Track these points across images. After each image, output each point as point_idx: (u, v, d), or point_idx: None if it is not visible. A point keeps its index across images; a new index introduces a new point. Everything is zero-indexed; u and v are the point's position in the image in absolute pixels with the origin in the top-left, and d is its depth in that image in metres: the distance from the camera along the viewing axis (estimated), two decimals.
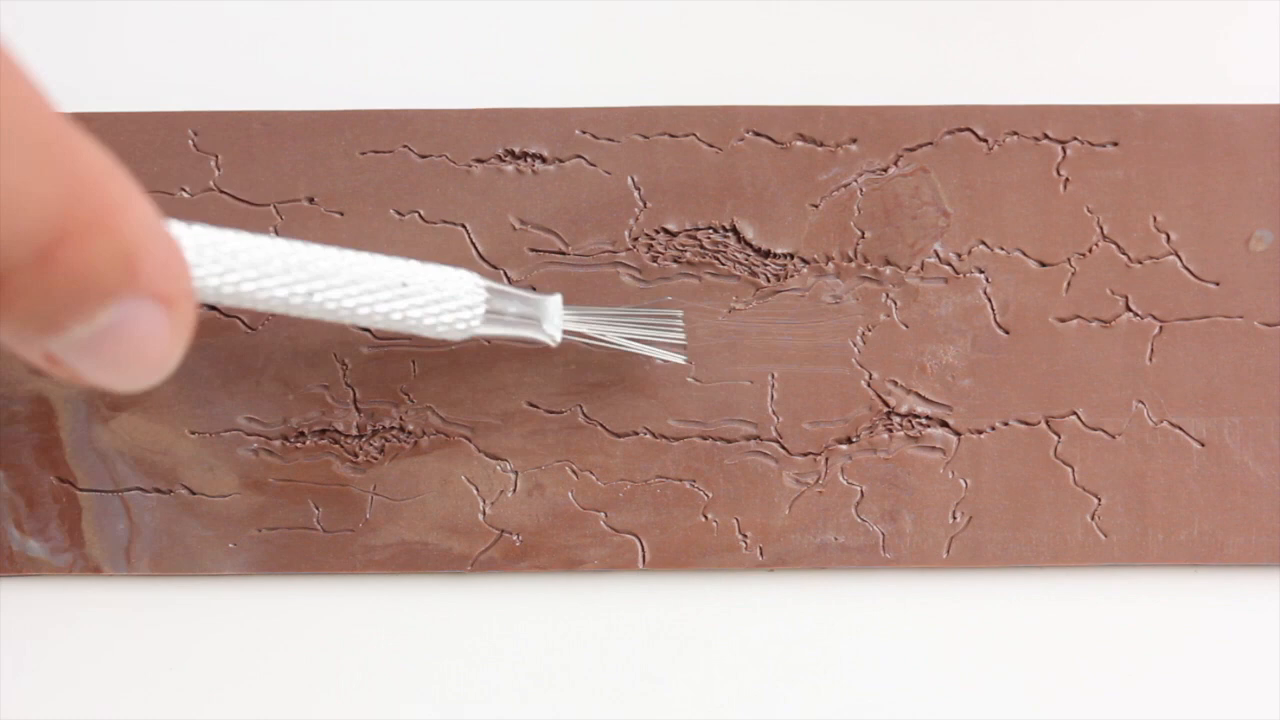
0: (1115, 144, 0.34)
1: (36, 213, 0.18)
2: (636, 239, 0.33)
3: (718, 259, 0.33)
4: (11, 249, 0.18)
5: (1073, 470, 0.33)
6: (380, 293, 0.28)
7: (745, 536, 0.33)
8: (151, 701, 0.33)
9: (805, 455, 0.33)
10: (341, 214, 0.33)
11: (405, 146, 0.33)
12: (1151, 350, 0.33)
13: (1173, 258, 0.34)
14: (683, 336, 0.32)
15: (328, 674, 0.33)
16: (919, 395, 0.33)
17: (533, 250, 0.33)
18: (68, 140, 0.18)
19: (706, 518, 0.33)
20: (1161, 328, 0.33)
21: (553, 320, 0.30)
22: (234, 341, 0.33)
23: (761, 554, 0.33)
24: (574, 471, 0.33)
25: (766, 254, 0.33)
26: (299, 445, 0.33)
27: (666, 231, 0.33)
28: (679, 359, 0.32)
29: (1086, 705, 0.33)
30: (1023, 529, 0.33)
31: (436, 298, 0.29)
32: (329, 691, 0.33)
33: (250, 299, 0.27)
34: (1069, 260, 0.33)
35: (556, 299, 0.31)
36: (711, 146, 0.33)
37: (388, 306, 0.28)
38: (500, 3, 0.35)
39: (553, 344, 0.31)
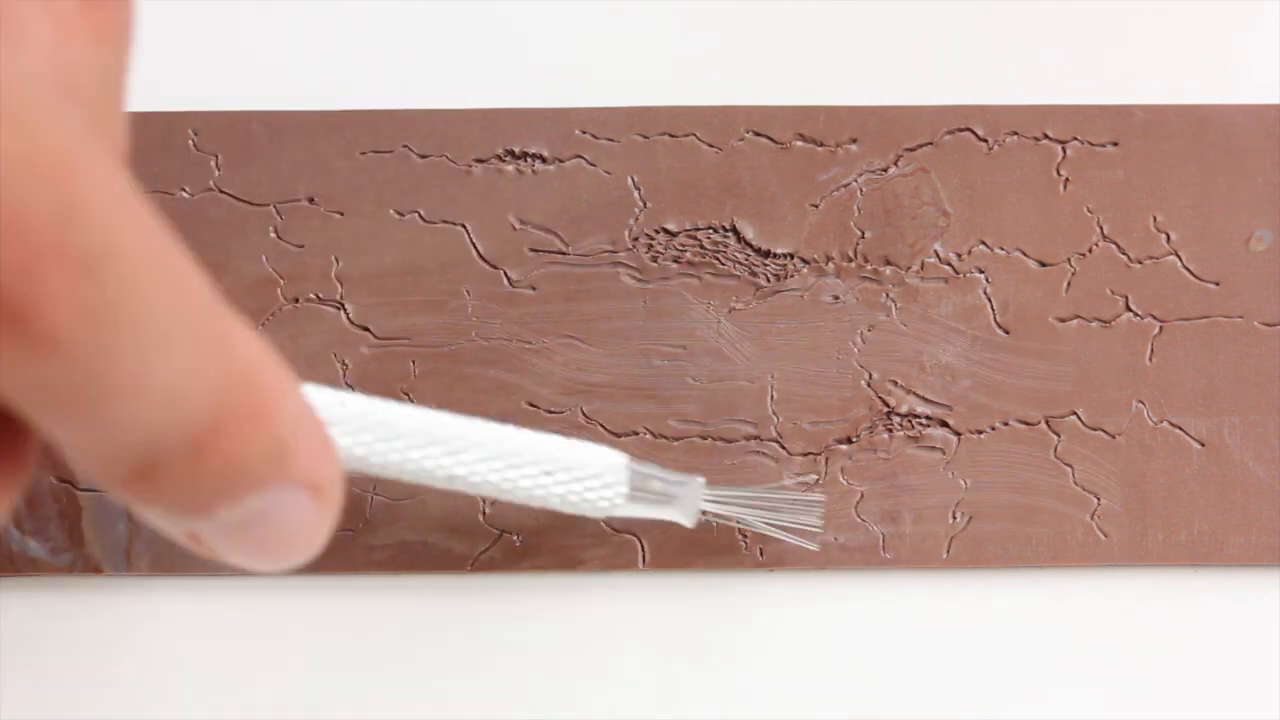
0: (1115, 144, 0.34)
1: (195, 406, 0.17)
2: (636, 239, 0.33)
3: (718, 259, 0.33)
4: (169, 441, 0.17)
5: (1073, 470, 0.33)
6: (525, 469, 0.28)
7: (745, 536, 0.33)
8: (151, 701, 0.33)
9: (805, 455, 0.33)
10: (341, 214, 0.33)
11: (405, 146, 0.33)
12: (1151, 350, 0.33)
13: (1173, 258, 0.34)
14: (819, 522, 0.32)
15: (328, 674, 0.33)
16: (919, 395, 0.33)
17: (533, 250, 0.33)
18: (226, 330, 0.18)
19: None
20: (1161, 328, 0.33)
21: (692, 501, 0.30)
22: None
23: (761, 554, 0.33)
24: None
25: (766, 254, 0.33)
26: None
27: (666, 231, 0.33)
28: (813, 547, 0.32)
29: (1087, 705, 0.33)
30: (1023, 529, 0.33)
31: (580, 475, 0.29)
32: (329, 691, 0.33)
33: (394, 469, 0.27)
34: (1069, 260, 0.33)
35: (699, 481, 0.30)
36: (711, 146, 0.33)
37: (531, 483, 0.28)
38: (500, 3, 0.35)
39: (689, 525, 0.30)
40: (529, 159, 0.33)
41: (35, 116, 0.16)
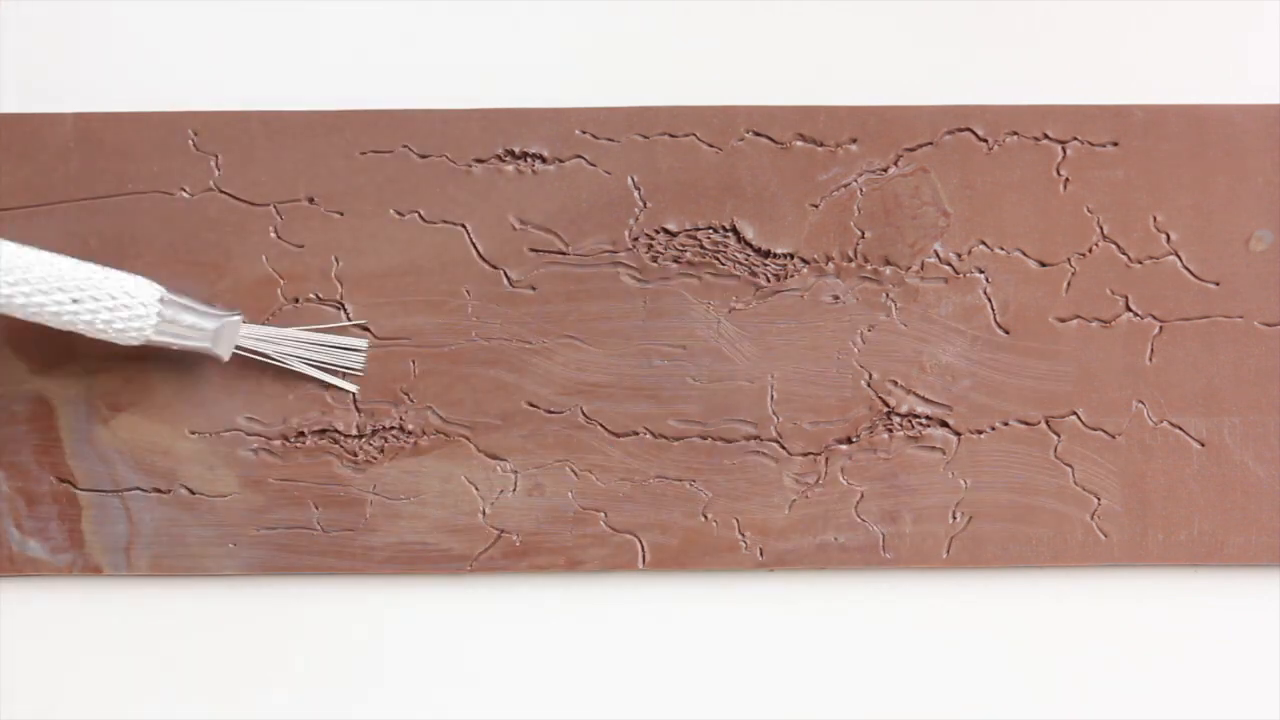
0: (1115, 144, 0.34)
1: None
2: (636, 239, 0.33)
3: (718, 259, 0.33)
4: None
5: (1073, 470, 0.33)
6: (53, 294, 0.29)
7: (745, 536, 0.33)
8: (151, 701, 0.33)
9: (805, 455, 0.33)
10: (341, 214, 0.33)
11: (405, 146, 0.33)
12: (1151, 350, 0.33)
13: (1173, 258, 0.34)
14: (361, 365, 0.32)
15: (328, 674, 0.33)
16: (919, 395, 0.33)
17: (533, 250, 0.33)
18: None
19: (706, 518, 0.33)
20: (1161, 328, 0.33)
21: (227, 337, 0.31)
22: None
23: (761, 554, 0.33)
24: (574, 471, 0.33)
25: (766, 254, 0.33)
26: (299, 445, 0.33)
27: (666, 231, 0.33)
28: (350, 388, 0.33)
29: (1086, 705, 0.33)
30: (1023, 529, 0.33)
31: (110, 305, 0.30)
32: (329, 690, 0.33)
33: None
34: (1069, 260, 0.33)
35: (236, 318, 0.31)
36: (711, 146, 0.33)
37: (58, 308, 0.29)
38: (500, 3, 0.35)
39: (223, 359, 0.31)
40: (529, 159, 0.33)
41: None
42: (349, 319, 0.33)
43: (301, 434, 0.33)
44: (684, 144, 0.33)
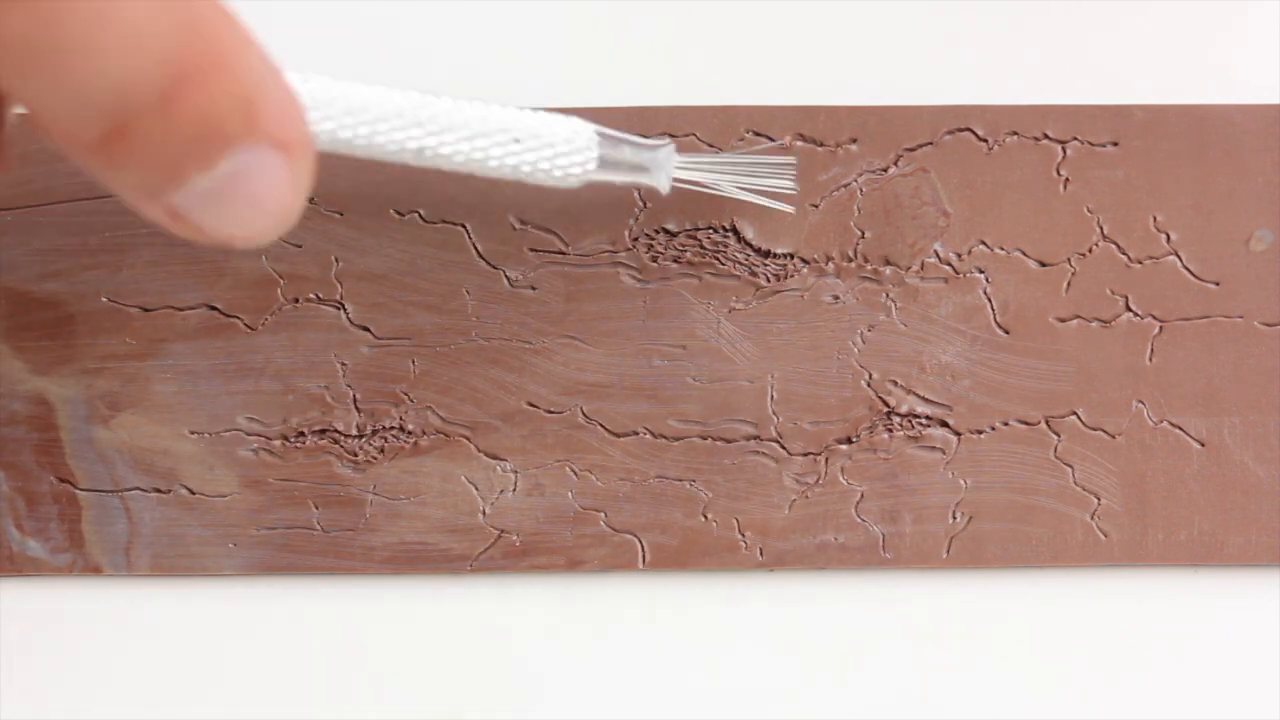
0: (1115, 144, 0.34)
1: (158, 52, 0.18)
2: (636, 239, 0.33)
3: (718, 259, 0.33)
4: (136, 90, 0.18)
5: (1073, 470, 0.33)
6: (496, 142, 0.29)
7: (745, 536, 0.33)
8: (151, 701, 0.33)
9: (805, 455, 0.33)
10: (341, 214, 0.33)
11: None
12: (1151, 350, 0.33)
13: (1173, 258, 0.34)
14: (793, 184, 0.32)
15: (328, 674, 0.33)
16: (919, 395, 0.33)
17: (533, 250, 0.33)
18: None
19: (706, 518, 0.33)
20: (1161, 328, 0.33)
21: (665, 168, 0.31)
22: (234, 341, 0.33)
23: (761, 554, 0.33)
24: (574, 471, 0.33)
25: (766, 254, 0.33)
26: (299, 445, 0.33)
27: (666, 231, 0.33)
28: (787, 208, 0.32)
29: (1086, 705, 0.33)
30: (1023, 529, 0.33)
31: (551, 144, 0.29)
32: (329, 691, 0.33)
33: (367, 148, 0.28)
34: (1069, 260, 0.33)
35: (669, 147, 0.31)
36: (711, 146, 0.33)
37: (503, 154, 0.29)
38: (502, 3, 0.35)
39: (664, 191, 0.31)
40: None
41: None
42: (350, 319, 0.33)
43: (301, 434, 0.33)
44: (684, 144, 0.33)
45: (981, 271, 0.33)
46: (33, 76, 0.17)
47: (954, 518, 0.33)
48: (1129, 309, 0.33)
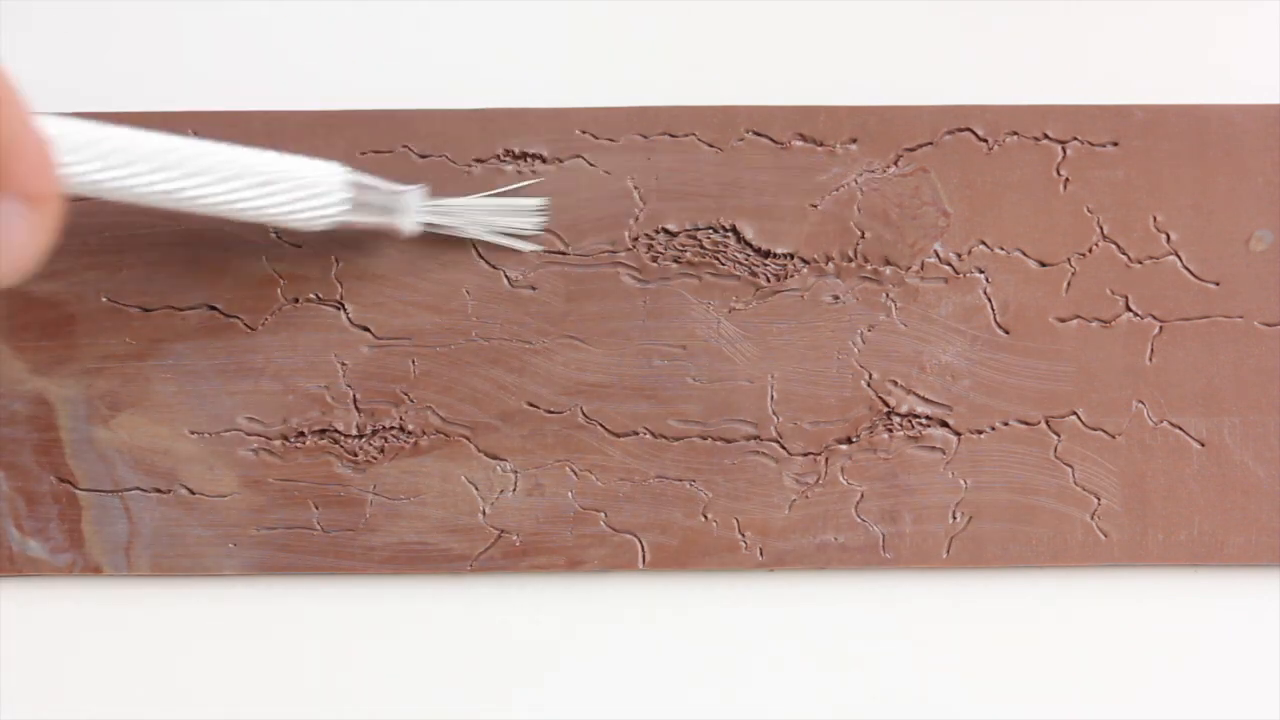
0: (1115, 144, 0.34)
1: None
2: (636, 239, 0.33)
3: (718, 259, 0.33)
4: None
5: (1073, 470, 0.33)
6: (246, 187, 0.30)
7: (745, 536, 0.33)
8: (151, 701, 0.33)
9: (805, 455, 0.33)
10: None
11: (405, 146, 0.33)
12: (1151, 350, 0.33)
13: (1173, 258, 0.34)
14: (537, 226, 0.33)
15: (328, 674, 0.33)
16: (919, 395, 0.33)
17: (533, 250, 0.33)
18: None
19: (706, 518, 0.33)
20: (1161, 328, 0.33)
21: (412, 211, 0.32)
22: (234, 341, 0.33)
23: (761, 554, 0.33)
24: (574, 471, 0.33)
25: (766, 254, 0.33)
26: (299, 445, 0.33)
27: (666, 231, 0.33)
28: (529, 248, 0.33)
29: (1086, 705, 0.33)
30: (1023, 529, 0.33)
31: (300, 191, 0.30)
32: (329, 691, 0.33)
33: (119, 190, 0.28)
34: (1069, 260, 0.33)
35: (418, 190, 0.32)
36: (711, 146, 0.33)
37: (253, 197, 0.30)
38: (500, 3, 0.35)
39: (407, 234, 0.32)
40: (529, 159, 0.33)
41: None
42: (350, 319, 0.33)
43: (301, 434, 0.33)
44: (684, 144, 0.33)
45: (981, 271, 0.33)
46: None
47: (954, 518, 0.33)
48: (1129, 309, 0.33)
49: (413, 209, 0.32)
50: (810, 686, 0.33)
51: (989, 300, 0.33)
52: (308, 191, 0.30)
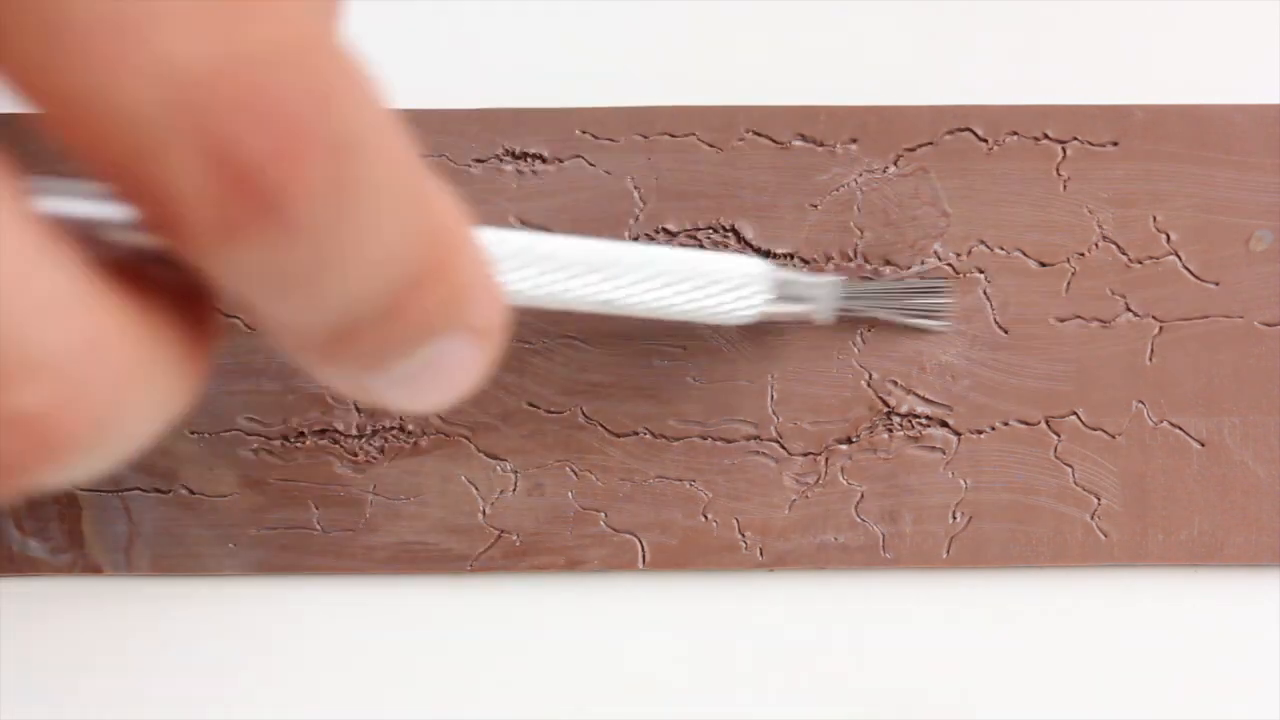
0: (1115, 144, 0.34)
1: (399, 269, 0.17)
2: (636, 239, 0.33)
3: None
4: (369, 306, 0.17)
5: (1073, 470, 0.33)
6: (675, 291, 0.29)
7: (745, 536, 0.33)
8: (151, 701, 0.33)
9: (805, 455, 0.33)
10: None
11: None
12: (1151, 350, 0.33)
13: (1173, 258, 0.34)
14: (948, 302, 0.33)
15: (328, 674, 0.33)
16: (919, 395, 0.33)
17: None
18: (428, 188, 0.18)
19: (706, 518, 0.33)
20: (1161, 328, 0.33)
21: (830, 300, 0.31)
22: (234, 341, 0.33)
23: (761, 554, 0.33)
24: (574, 471, 0.33)
25: (766, 254, 0.33)
26: (299, 445, 0.33)
27: (666, 231, 0.33)
28: (943, 326, 0.33)
29: (1086, 705, 0.33)
30: (1023, 529, 0.33)
31: (726, 289, 0.30)
32: (329, 691, 0.33)
33: (553, 299, 0.28)
34: (1069, 260, 0.33)
35: (836, 280, 0.32)
36: (711, 146, 0.33)
37: (681, 300, 0.30)
38: (499, 3, 0.35)
39: (827, 323, 0.32)
40: (529, 159, 0.33)
41: (286, 2, 0.15)
42: None
43: (301, 434, 0.33)
44: (684, 144, 0.33)
45: (981, 271, 0.33)
46: (278, 299, 0.17)
47: (954, 518, 0.33)
48: (1129, 309, 0.33)
49: (830, 298, 0.31)
50: (810, 686, 0.33)
51: (989, 300, 0.33)
52: (733, 289, 0.30)
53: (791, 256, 0.33)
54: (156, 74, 0.15)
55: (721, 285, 0.30)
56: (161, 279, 0.17)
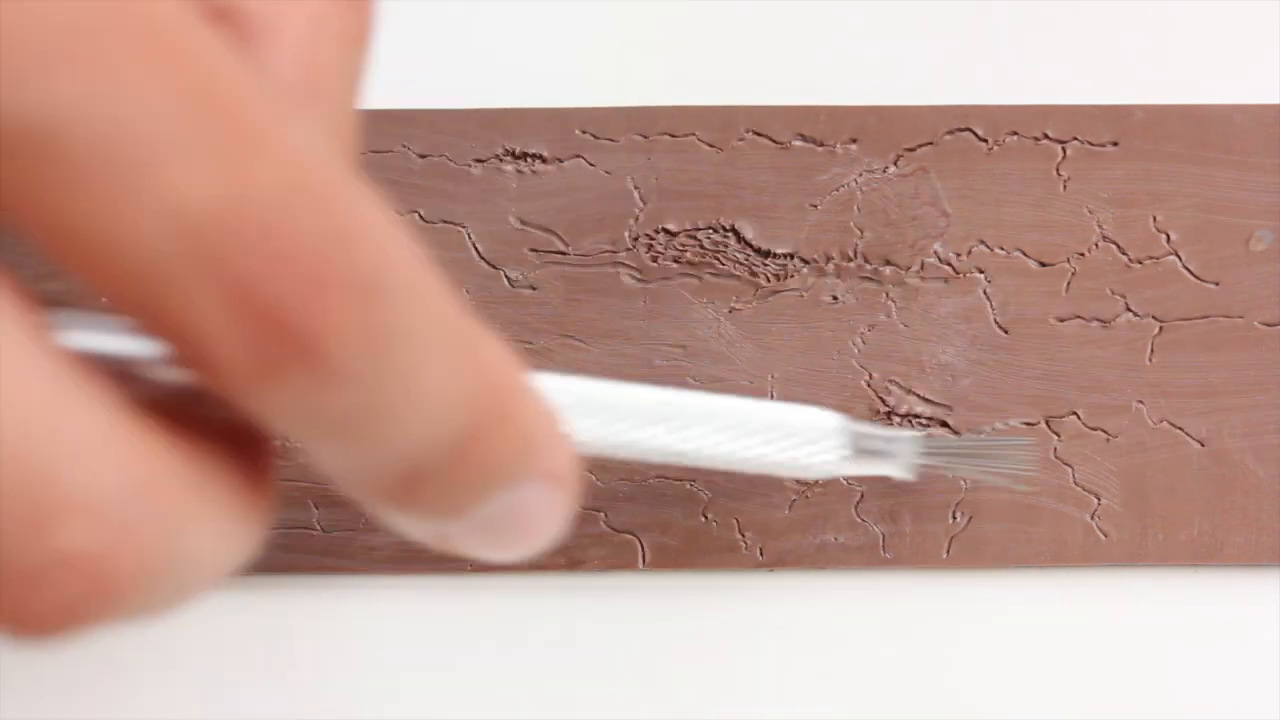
0: (1115, 144, 0.34)
1: (456, 414, 0.17)
2: (636, 239, 0.33)
3: (718, 259, 0.33)
4: (432, 452, 0.18)
5: (1073, 470, 0.33)
6: (744, 440, 0.28)
7: (745, 536, 0.33)
8: (152, 701, 0.33)
9: None
10: None
11: (405, 146, 0.33)
12: (1151, 350, 0.33)
13: (1173, 258, 0.34)
14: (1028, 465, 0.32)
15: (328, 674, 0.33)
16: (919, 395, 0.33)
17: (533, 250, 0.33)
18: (474, 333, 0.18)
19: (706, 518, 0.33)
20: (1161, 328, 0.33)
21: (907, 456, 0.30)
22: None
23: (761, 554, 0.33)
24: None
25: (766, 254, 0.33)
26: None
27: (666, 231, 0.33)
28: (1024, 489, 0.32)
29: (1086, 705, 0.33)
30: (1023, 529, 0.33)
31: (799, 442, 0.29)
32: (329, 691, 0.33)
33: (618, 449, 0.27)
34: (1069, 260, 0.33)
35: (914, 437, 0.30)
36: (711, 146, 0.33)
37: (752, 454, 0.29)
38: (499, 3, 0.35)
39: (908, 478, 0.31)
40: (529, 159, 0.33)
41: (298, 141, 0.15)
42: None
43: None
44: (684, 144, 0.33)
45: (981, 271, 0.33)
46: (334, 444, 0.17)
47: (954, 518, 0.33)
48: (1129, 309, 0.33)
49: (909, 455, 0.30)
50: (810, 686, 0.33)
51: (989, 300, 0.33)
52: (804, 443, 0.29)
53: (791, 256, 0.33)
54: (167, 213, 0.14)
55: (796, 439, 0.29)
56: (210, 416, 0.17)
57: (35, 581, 0.16)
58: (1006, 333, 0.33)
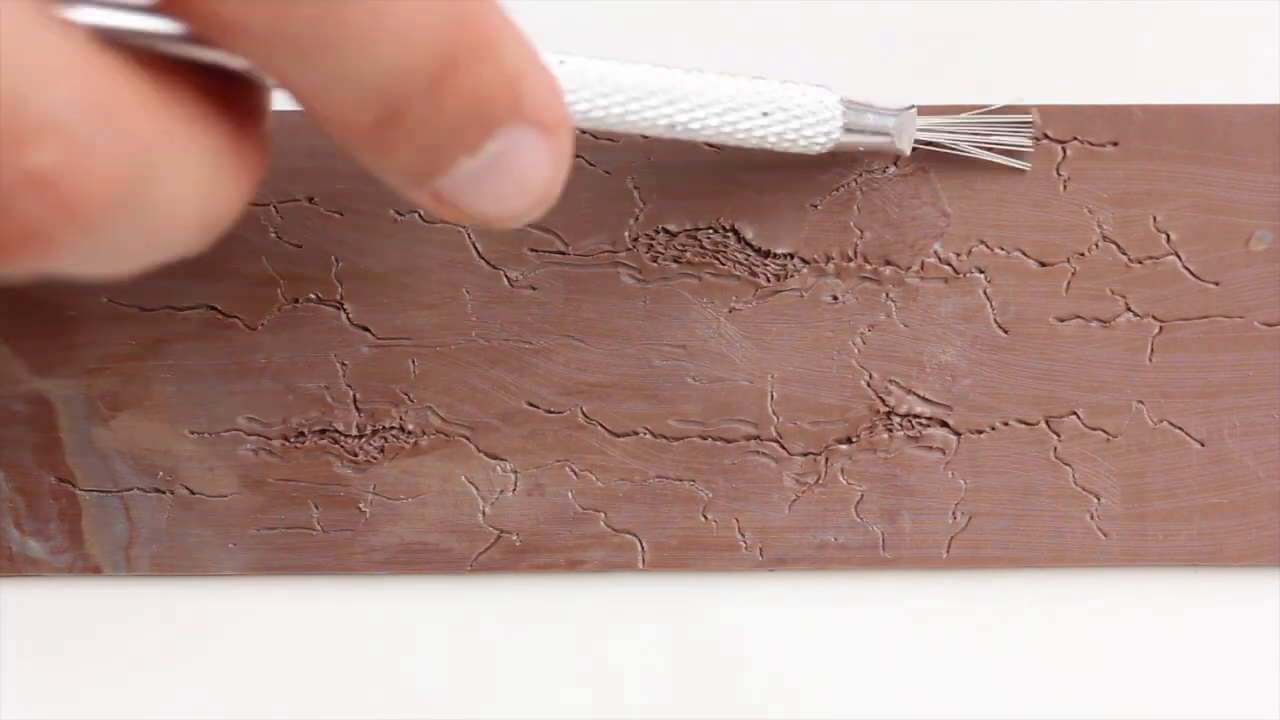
0: (1115, 144, 0.34)
1: (428, 38, 0.18)
2: (636, 239, 0.33)
3: (718, 259, 0.33)
4: (409, 78, 0.18)
5: (1073, 470, 0.33)
6: (745, 116, 0.29)
7: (745, 536, 0.33)
8: (152, 701, 0.33)
9: (805, 455, 0.33)
10: (341, 214, 0.33)
11: None
12: (1151, 350, 0.33)
13: (1173, 258, 0.34)
14: (1030, 142, 0.33)
15: (328, 674, 0.33)
16: (919, 395, 0.33)
17: (532, 250, 0.33)
18: None
19: (706, 518, 0.33)
20: (1161, 328, 0.33)
21: (907, 131, 0.31)
22: (234, 341, 0.33)
23: (761, 554, 0.33)
24: (574, 471, 0.33)
25: (766, 254, 0.33)
26: (299, 445, 0.33)
27: (666, 231, 0.33)
28: (1024, 166, 0.33)
29: (1086, 705, 0.33)
30: (1023, 529, 0.33)
31: (798, 116, 0.30)
32: (329, 691, 0.33)
33: (620, 123, 0.28)
34: (1069, 260, 0.33)
35: (911, 110, 0.31)
36: (711, 146, 0.33)
37: (750, 127, 0.29)
38: (500, 3, 0.35)
39: (905, 154, 0.32)
40: None
41: None
42: (349, 319, 0.33)
43: (301, 434, 0.33)
44: (684, 144, 0.33)
45: (981, 271, 0.33)
46: (314, 70, 0.18)
47: (954, 517, 0.33)
48: (1129, 309, 0.33)
49: (907, 129, 0.31)
50: (810, 686, 0.33)
51: (989, 300, 0.33)
52: (804, 118, 0.30)
53: (791, 256, 0.33)
54: None
55: (791, 115, 0.29)
56: (196, 69, 0.18)
57: (4, 203, 0.16)
58: (1006, 333, 0.33)
